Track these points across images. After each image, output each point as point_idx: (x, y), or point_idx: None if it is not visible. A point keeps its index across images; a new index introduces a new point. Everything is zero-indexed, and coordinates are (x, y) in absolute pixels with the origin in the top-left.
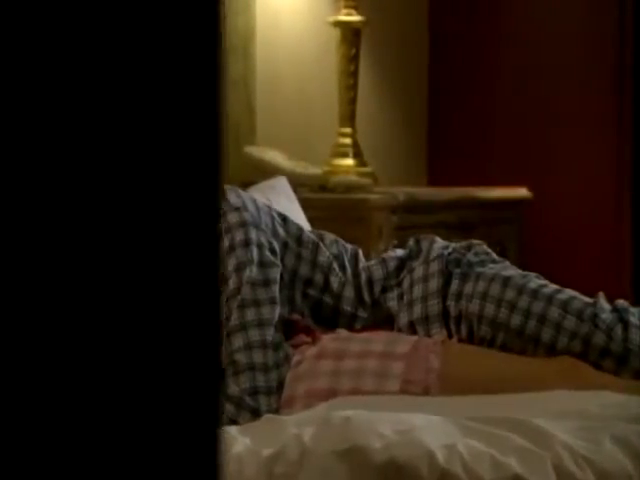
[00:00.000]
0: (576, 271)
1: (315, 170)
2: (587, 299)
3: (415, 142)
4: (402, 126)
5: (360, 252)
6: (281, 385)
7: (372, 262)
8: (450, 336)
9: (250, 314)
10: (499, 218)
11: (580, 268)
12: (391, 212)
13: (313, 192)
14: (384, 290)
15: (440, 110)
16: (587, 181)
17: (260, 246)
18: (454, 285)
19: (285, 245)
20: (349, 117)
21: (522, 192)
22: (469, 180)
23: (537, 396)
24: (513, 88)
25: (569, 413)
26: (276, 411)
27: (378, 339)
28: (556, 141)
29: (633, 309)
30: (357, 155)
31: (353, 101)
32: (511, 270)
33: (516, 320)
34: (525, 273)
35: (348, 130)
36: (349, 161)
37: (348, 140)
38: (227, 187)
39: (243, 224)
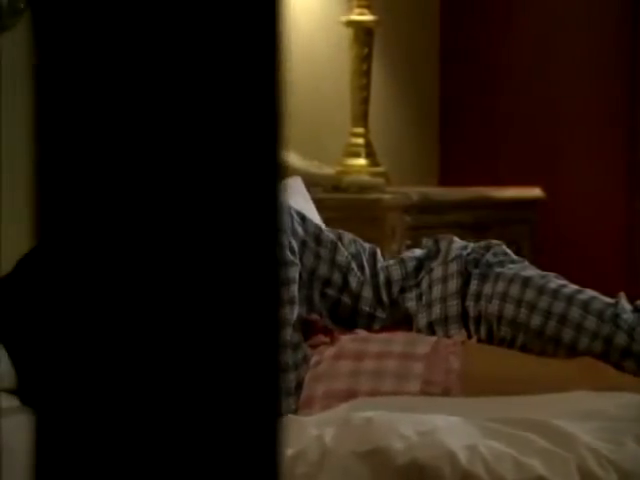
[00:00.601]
0: (589, 270)
1: (328, 170)
2: (608, 299)
3: (427, 142)
4: (414, 126)
5: (378, 251)
6: (299, 386)
7: (391, 262)
8: (469, 337)
9: None
10: (513, 218)
11: (593, 267)
12: (404, 212)
13: (326, 192)
14: (403, 290)
15: (452, 109)
16: (600, 181)
17: None
18: (473, 286)
19: (304, 244)
20: (362, 117)
21: (535, 192)
22: (481, 180)
23: (558, 397)
24: (525, 87)
25: (590, 414)
26: (295, 412)
27: (397, 340)
28: (568, 141)
29: None
30: (370, 155)
31: (366, 101)
32: (530, 270)
33: (536, 320)
34: (544, 273)
35: (361, 130)
36: (362, 161)
37: (361, 140)
38: None
39: None
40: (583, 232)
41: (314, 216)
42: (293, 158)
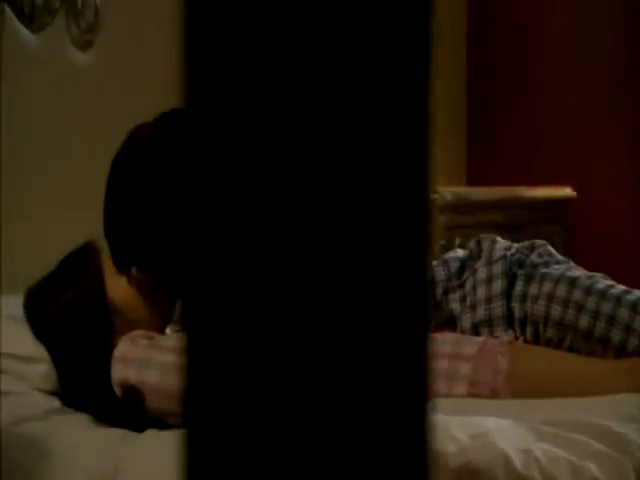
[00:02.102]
0: (624, 270)
1: None
2: None
3: (455, 141)
4: (442, 125)
5: None
6: None
7: (434, 262)
8: (515, 338)
9: None
10: (544, 218)
11: (627, 266)
12: (439, 212)
13: None
14: (446, 292)
15: (480, 108)
16: (631, 178)
17: None
18: (518, 286)
19: None
20: None
21: (566, 191)
22: (509, 179)
23: (607, 399)
24: (554, 86)
25: (637, 416)
26: None
27: (446, 339)
28: (598, 139)
29: None
30: None
31: None
32: (576, 271)
33: (584, 321)
34: (591, 274)
35: None
36: None
37: None
38: None
39: None
40: (616, 231)
41: None
42: None
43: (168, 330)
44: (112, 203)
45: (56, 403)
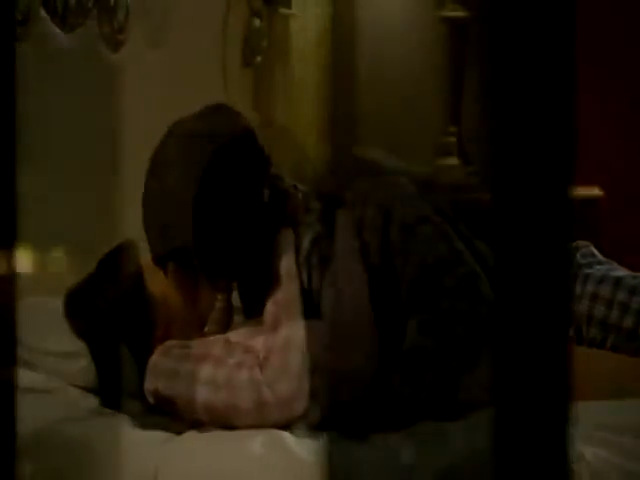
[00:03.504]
0: None
1: (421, 169)
2: None
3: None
4: None
5: None
6: None
7: None
8: None
9: None
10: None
11: None
12: None
13: None
14: None
15: None
16: None
17: None
18: None
19: None
20: (454, 115)
21: (594, 191)
22: None
23: None
24: (581, 84)
25: None
26: None
27: None
28: (625, 138)
29: None
30: (462, 154)
31: (459, 99)
32: (620, 271)
33: (629, 321)
34: (636, 274)
35: (454, 129)
36: (454, 160)
37: (453, 139)
38: None
39: None
40: None
41: None
42: (384, 158)
43: (206, 328)
44: (150, 200)
45: (94, 402)
